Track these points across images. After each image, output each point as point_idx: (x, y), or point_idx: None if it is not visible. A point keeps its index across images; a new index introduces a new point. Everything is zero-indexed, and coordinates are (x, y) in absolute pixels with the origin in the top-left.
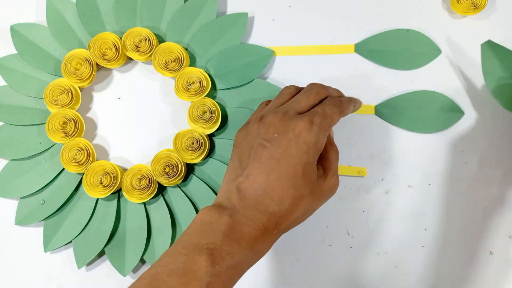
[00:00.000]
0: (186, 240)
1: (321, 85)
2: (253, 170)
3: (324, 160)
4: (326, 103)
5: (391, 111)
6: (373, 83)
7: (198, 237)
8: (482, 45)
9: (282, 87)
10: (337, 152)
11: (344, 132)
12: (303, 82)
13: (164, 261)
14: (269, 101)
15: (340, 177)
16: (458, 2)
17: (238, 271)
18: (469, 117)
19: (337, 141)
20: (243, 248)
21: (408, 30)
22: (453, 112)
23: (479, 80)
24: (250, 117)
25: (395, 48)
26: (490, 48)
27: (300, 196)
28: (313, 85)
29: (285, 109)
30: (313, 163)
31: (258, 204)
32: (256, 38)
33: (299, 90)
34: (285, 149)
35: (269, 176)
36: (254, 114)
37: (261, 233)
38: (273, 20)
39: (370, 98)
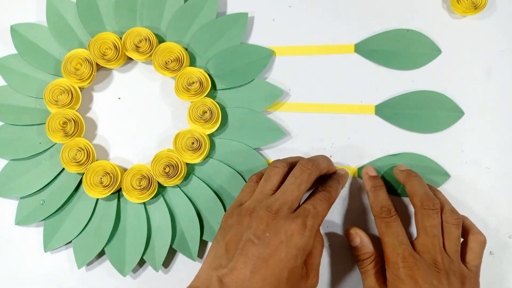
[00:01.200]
0: None
1: (312, 166)
2: (239, 265)
3: (309, 257)
4: (317, 198)
5: (391, 111)
6: (373, 83)
7: None
8: None
9: (282, 87)
10: (322, 245)
11: (344, 132)
12: (303, 82)
13: None
14: (259, 177)
15: None
16: (458, 2)
17: None
18: (469, 117)
19: (337, 141)
20: None
21: (408, 30)
22: (453, 112)
23: (479, 79)
24: (239, 196)
25: (395, 48)
26: None
27: None
28: (304, 168)
29: (277, 206)
30: (299, 267)
31: None
32: (256, 38)
33: (288, 168)
34: (274, 250)
35: (254, 275)
36: (242, 194)
37: None
38: (273, 20)
39: (370, 98)
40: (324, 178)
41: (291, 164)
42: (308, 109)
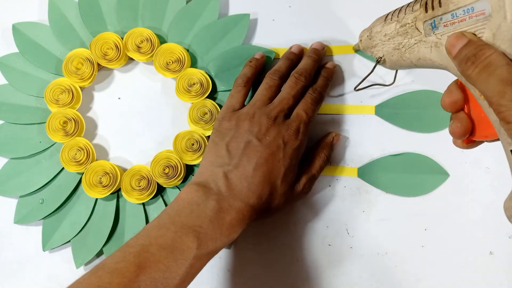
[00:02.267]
0: (174, 217)
1: (304, 78)
2: (243, 163)
3: (306, 166)
4: (308, 102)
5: (391, 111)
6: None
7: (185, 216)
8: None
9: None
10: (322, 164)
11: (344, 132)
12: None
13: (152, 234)
14: (244, 81)
15: (340, 177)
16: None
17: (212, 256)
18: None
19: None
20: (222, 235)
21: None
22: None
23: None
24: (229, 101)
25: None
26: None
27: (275, 195)
28: (297, 81)
29: (276, 113)
30: (295, 166)
31: (241, 194)
32: (257, 39)
33: (284, 77)
34: (274, 151)
35: (256, 171)
36: (233, 99)
37: (239, 222)
38: (273, 20)
39: (370, 98)
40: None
41: (285, 75)
42: None
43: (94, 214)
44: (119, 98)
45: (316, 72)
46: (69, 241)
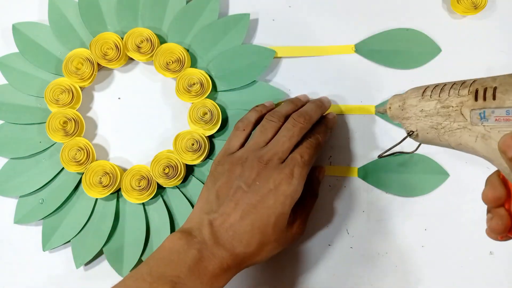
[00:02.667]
0: (152, 266)
1: (304, 120)
2: (229, 210)
3: (300, 206)
4: (304, 146)
5: None
6: (373, 83)
7: (164, 265)
8: None
9: (282, 88)
10: (315, 198)
11: (344, 132)
12: (303, 83)
13: (127, 284)
14: (245, 125)
15: (340, 177)
16: (458, 2)
17: None
18: None
19: (337, 141)
20: (204, 284)
21: (408, 30)
22: None
23: None
24: (227, 144)
25: (395, 47)
26: None
27: (266, 242)
28: (296, 121)
29: (269, 156)
30: (286, 213)
31: (227, 243)
32: (256, 38)
33: (283, 119)
34: (263, 197)
35: (243, 219)
36: (230, 143)
37: (223, 271)
38: (273, 20)
39: (370, 98)
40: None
41: (286, 117)
42: None
43: (94, 214)
44: (119, 98)
45: (317, 122)
46: (69, 241)
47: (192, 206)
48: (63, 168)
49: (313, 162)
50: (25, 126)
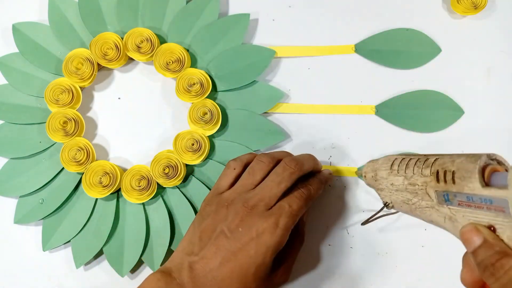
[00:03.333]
0: None
1: (295, 165)
2: (209, 255)
3: (285, 252)
4: (294, 195)
5: (391, 111)
6: (373, 83)
7: None
8: None
9: (282, 88)
10: (301, 243)
11: (344, 132)
12: (303, 83)
13: None
14: (238, 164)
15: (339, 178)
16: (458, 2)
17: None
18: (469, 116)
19: (337, 141)
20: None
21: (407, 30)
22: (453, 111)
23: (479, 79)
24: (217, 183)
25: (395, 47)
26: None
27: None
28: (286, 166)
29: (254, 202)
30: (268, 264)
31: None
32: (256, 38)
33: (274, 164)
34: (244, 245)
35: (222, 266)
36: (220, 182)
37: None
38: (273, 20)
39: (370, 98)
40: (307, 177)
41: (277, 160)
42: (308, 110)
43: (94, 214)
44: (119, 98)
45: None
46: (69, 241)
47: (192, 206)
48: (63, 168)
49: (301, 214)
50: (25, 126)
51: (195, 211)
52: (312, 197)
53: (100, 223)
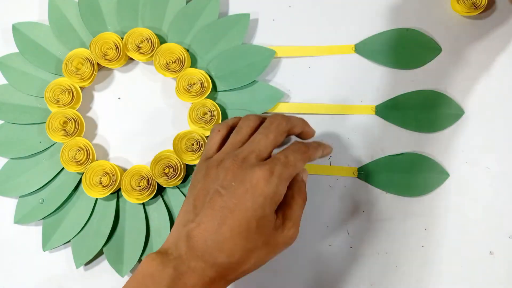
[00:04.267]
0: None
1: (282, 117)
2: (206, 218)
3: (287, 208)
4: (290, 148)
5: (391, 111)
6: (373, 83)
7: None
8: None
9: (282, 88)
10: (304, 200)
11: (344, 132)
12: (303, 83)
13: None
14: (222, 126)
15: (340, 177)
16: (458, 2)
17: None
18: (469, 117)
19: (337, 141)
20: None
21: (407, 30)
22: (453, 111)
23: (479, 79)
24: (204, 149)
25: (395, 47)
26: None
27: (252, 248)
28: (272, 119)
29: (244, 154)
30: (269, 216)
31: (206, 255)
32: (257, 39)
33: (260, 122)
34: (240, 199)
35: (221, 226)
36: (207, 148)
37: (207, 285)
38: (273, 20)
39: (370, 98)
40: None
41: (263, 119)
42: (308, 109)
43: (94, 214)
44: (119, 98)
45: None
46: (69, 241)
47: None
48: (63, 168)
49: (298, 169)
50: (25, 126)
51: None
52: (310, 155)
53: (100, 223)
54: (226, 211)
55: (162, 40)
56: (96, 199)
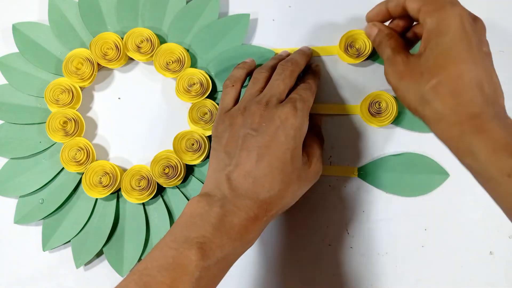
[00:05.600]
0: (176, 233)
1: (291, 63)
2: (243, 159)
3: (308, 147)
4: (300, 88)
5: None
6: (373, 83)
7: (188, 229)
8: None
9: None
10: (322, 139)
11: (344, 132)
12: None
13: (154, 255)
14: (233, 81)
15: (340, 177)
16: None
17: (228, 263)
18: None
19: (337, 141)
20: (233, 239)
21: None
22: None
23: None
24: (221, 104)
25: None
26: None
27: (288, 181)
28: (284, 66)
29: (267, 98)
30: (300, 148)
31: (249, 192)
32: (257, 39)
33: (271, 70)
34: (273, 135)
35: (259, 163)
36: (224, 102)
37: (252, 222)
38: (273, 20)
39: None
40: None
41: (274, 68)
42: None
43: (94, 214)
44: (119, 98)
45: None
46: (69, 241)
47: None
48: (63, 168)
49: (311, 103)
50: (25, 126)
51: None
52: (313, 89)
53: (100, 223)
54: (262, 150)
55: (162, 40)
56: (96, 199)
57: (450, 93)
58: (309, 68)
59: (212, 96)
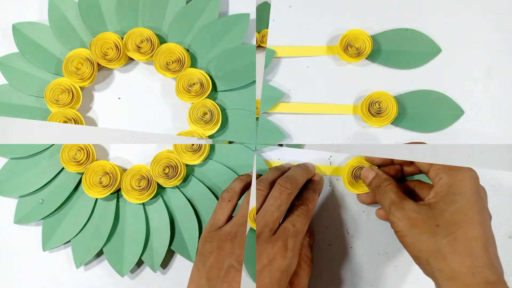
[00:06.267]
0: None
1: (290, 185)
2: None
3: (295, 276)
4: (295, 215)
5: None
6: (372, 83)
7: None
8: None
9: (282, 88)
10: (310, 267)
11: (344, 132)
12: (303, 83)
13: None
14: (231, 195)
15: (340, 177)
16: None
17: None
18: (469, 117)
19: (337, 141)
20: None
21: (407, 30)
22: (453, 111)
23: (479, 79)
24: (212, 218)
25: (395, 47)
26: None
27: None
28: (283, 188)
29: (259, 230)
30: (284, 285)
31: None
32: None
33: (269, 188)
34: (258, 275)
35: None
36: (216, 216)
37: None
38: (273, 20)
39: None
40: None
41: (273, 184)
42: (308, 109)
43: (94, 214)
44: (119, 98)
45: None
46: (69, 241)
47: (192, 206)
48: (63, 168)
49: (305, 231)
50: None
51: (195, 211)
52: (312, 211)
53: (100, 223)
54: None
55: (162, 40)
56: (96, 199)
57: (467, 254)
58: (309, 182)
59: (212, 96)
